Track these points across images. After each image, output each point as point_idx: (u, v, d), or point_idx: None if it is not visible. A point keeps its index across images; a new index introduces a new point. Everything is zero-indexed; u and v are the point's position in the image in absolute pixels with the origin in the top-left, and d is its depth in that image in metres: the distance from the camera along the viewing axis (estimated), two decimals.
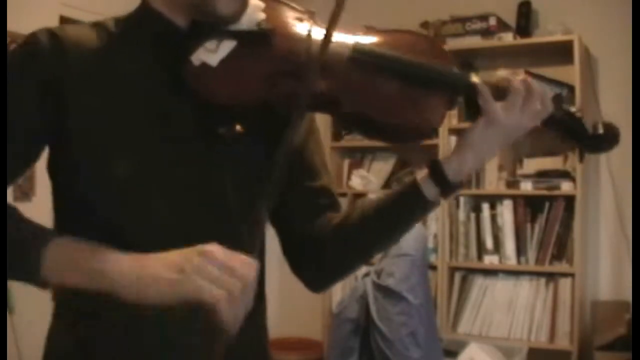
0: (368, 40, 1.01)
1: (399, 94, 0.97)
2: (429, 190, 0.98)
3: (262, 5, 1.00)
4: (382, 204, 1.04)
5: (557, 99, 1.01)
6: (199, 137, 0.96)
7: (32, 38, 0.93)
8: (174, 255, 0.83)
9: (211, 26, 0.96)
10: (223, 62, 0.94)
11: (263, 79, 0.95)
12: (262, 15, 0.99)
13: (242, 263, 0.81)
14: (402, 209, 1.02)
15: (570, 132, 1.02)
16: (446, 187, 0.98)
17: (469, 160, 0.97)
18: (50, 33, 0.93)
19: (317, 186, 1.09)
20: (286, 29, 0.99)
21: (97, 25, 0.99)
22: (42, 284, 0.87)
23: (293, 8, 1.04)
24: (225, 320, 0.79)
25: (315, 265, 1.08)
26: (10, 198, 0.92)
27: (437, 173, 0.97)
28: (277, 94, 0.95)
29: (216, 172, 0.98)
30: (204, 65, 0.94)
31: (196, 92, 0.93)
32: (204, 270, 0.79)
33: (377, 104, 0.97)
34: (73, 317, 0.96)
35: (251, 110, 0.97)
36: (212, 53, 0.94)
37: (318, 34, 0.97)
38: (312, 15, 1.02)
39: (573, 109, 1.02)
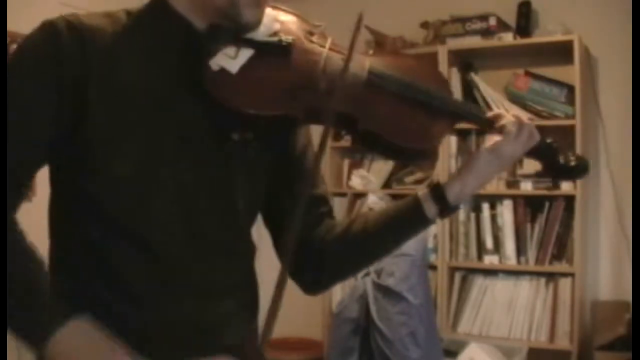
0: (380, 62, 1.06)
1: (411, 119, 1.04)
2: (430, 209, 1.05)
3: (276, 14, 1.02)
4: (383, 218, 1.09)
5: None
6: (212, 139, 0.97)
7: (51, 26, 0.91)
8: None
9: (229, 31, 0.97)
10: (243, 70, 0.95)
11: (283, 92, 0.97)
12: (277, 26, 1.01)
13: None
14: (403, 223, 1.08)
15: (548, 162, 1.12)
16: (445, 208, 1.05)
17: (470, 184, 1.05)
18: (68, 22, 0.91)
19: (316, 195, 1.12)
20: (303, 43, 1.02)
21: (110, 17, 0.97)
22: (37, 351, 0.85)
23: (304, 20, 1.07)
24: None
25: (313, 271, 1.11)
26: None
27: (439, 197, 1.05)
28: (295, 108, 0.97)
29: (226, 175, 0.99)
30: (223, 71, 0.94)
31: (214, 97, 0.93)
32: None
33: (393, 126, 1.02)
34: None
35: (267, 119, 0.98)
36: (231, 59, 0.95)
37: (334, 51, 1.02)
38: (322, 30, 1.06)
39: (549, 140, 1.12)
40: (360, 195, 3.43)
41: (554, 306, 2.98)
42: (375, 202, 3.30)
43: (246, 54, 0.97)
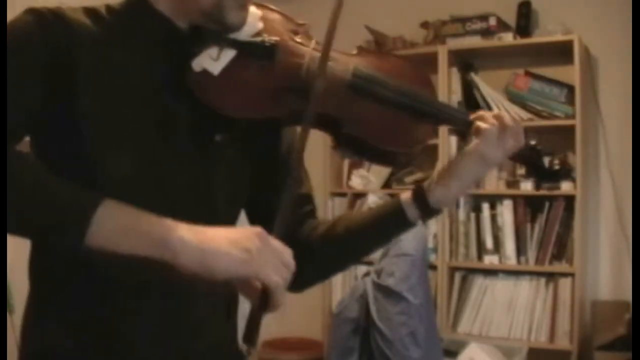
0: (365, 63, 1.04)
1: (395, 122, 1.02)
2: (412, 213, 1.04)
3: (260, 13, 1.01)
4: (366, 219, 1.09)
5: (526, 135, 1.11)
6: (195, 140, 0.96)
7: (36, 10, 0.89)
8: (235, 234, 0.82)
9: (212, 32, 0.96)
10: (225, 71, 0.94)
11: (266, 93, 0.96)
12: (260, 25, 1.00)
13: (287, 251, 0.84)
14: (385, 226, 1.08)
15: (532, 165, 1.13)
16: (426, 212, 1.04)
17: (452, 189, 1.04)
18: (53, 10, 0.90)
19: (301, 194, 1.13)
20: (287, 44, 1.00)
21: (92, 13, 0.95)
22: (81, 249, 0.77)
23: (288, 18, 1.05)
24: (275, 304, 0.82)
25: (297, 269, 1.09)
26: None
27: (420, 201, 1.04)
28: (278, 110, 0.96)
29: (208, 176, 0.99)
30: (205, 73, 0.94)
31: (197, 98, 0.92)
32: (266, 255, 0.81)
33: (375, 129, 1.01)
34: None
35: (248, 121, 0.98)
36: (213, 61, 0.94)
37: (318, 50, 0.99)
38: (307, 29, 1.04)
39: (533, 142, 1.11)
40: (360, 195, 3.43)
41: (554, 306, 2.98)
42: (375, 202, 3.30)
43: (229, 55, 0.96)
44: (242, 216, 1.11)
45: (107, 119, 0.90)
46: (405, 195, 1.05)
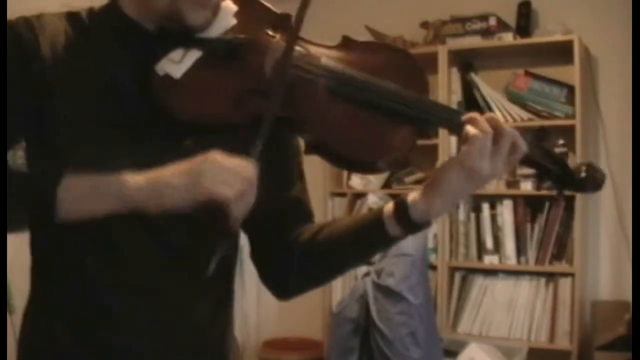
0: (342, 59, 0.95)
1: (368, 127, 0.92)
2: (393, 228, 0.96)
3: (234, 9, 0.97)
4: (347, 231, 1.02)
5: (540, 134, 0.96)
6: (165, 145, 0.94)
7: (11, 27, 0.92)
8: (183, 164, 0.85)
9: (176, 33, 0.93)
10: (187, 75, 0.91)
11: (229, 98, 0.91)
12: (233, 21, 0.95)
13: (244, 164, 0.84)
14: (365, 241, 1.01)
15: (546, 173, 0.96)
16: (410, 228, 0.95)
17: (437, 204, 0.92)
18: (26, 21, 0.93)
19: (290, 197, 1.08)
20: (256, 40, 0.94)
21: (72, 16, 0.97)
22: (54, 218, 0.85)
23: (268, 11, 0.99)
24: (234, 217, 0.83)
25: (282, 278, 1.07)
26: None
27: (402, 216, 0.94)
28: (241, 113, 0.90)
29: None
30: (167, 77, 0.90)
31: (159, 103, 0.90)
32: (214, 172, 0.83)
33: (343, 134, 0.92)
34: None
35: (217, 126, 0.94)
36: (176, 64, 0.91)
37: (291, 47, 0.91)
38: (287, 20, 0.97)
39: (559, 144, 0.97)
40: (360, 195, 3.43)
41: (554, 306, 2.98)
42: (375, 202, 3.30)
43: (193, 56, 0.92)
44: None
45: (78, 124, 0.92)
46: (388, 209, 0.96)
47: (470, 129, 0.87)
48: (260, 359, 3.60)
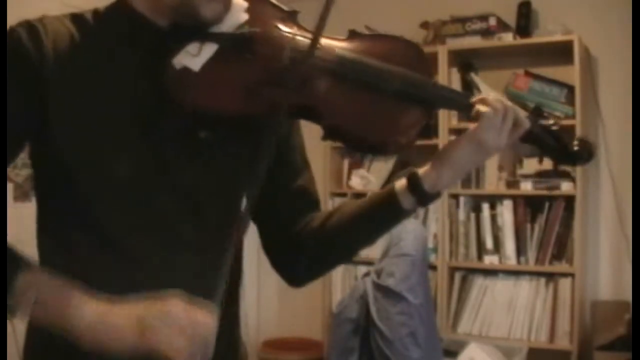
0: (353, 49, 1.00)
1: (382, 109, 0.98)
2: (406, 200, 1.00)
3: (245, 5, 0.98)
4: (360, 210, 1.06)
5: (536, 112, 1.06)
6: (179, 138, 0.95)
7: (13, 33, 0.91)
8: (138, 309, 0.83)
9: (193, 27, 0.94)
10: (205, 67, 0.92)
11: (246, 88, 0.93)
12: (245, 17, 0.97)
13: (202, 318, 0.83)
14: (379, 216, 1.04)
15: (545, 147, 1.05)
16: (423, 198, 1.00)
17: (446, 174, 0.99)
18: (30, 26, 0.92)
19: (297, 186, 1.10)
20: (270, 34, 0.97)
21: (77, 18, 0.97)
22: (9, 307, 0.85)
23: (277, 7, 1.02)
24: None
25: (295, 264, 1.10)
26: (10, 198, 0.91)
27: (415, 186, 0.99)
28: (259, 105, 0.93)
29: (194, 174, 0.98)
30: (186, 70, 0.91)
31: (176, 96, 0.91)
32: (166, 326, 0.81)
33: (359, 119, 0.97)
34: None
35: (233, 118, 0.96)
36: (194, 57, 0.92)
37: (302, 39, 0.96)
38: (295, 16, 1.01)
39: (551, 123, 1.06)
40: (360, 195, 3.42)
41: (554, 306, 2.98)
42: None
43: (210, 49, 0.93)
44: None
45: (89, 124, 0.91)
46: (400, 183, 1.01)
47: (481, 107, 0.97)
48: (260, 359, 3.60)
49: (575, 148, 1.05)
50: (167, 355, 0.80)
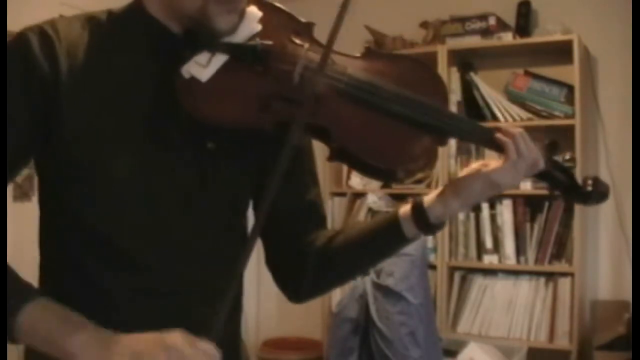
0: (367, 69, 0.97)
1: (392, 136, 0.95)
2: (410, 230, 1.00)
3: (259, 15, 0.97)
4: (364, 235, 1.06)
5: (551, 147, 1.04)
6: (187, 148, 0.95)
7: (23, 38, 0.91)
8: (140, 345, 0.81)
9: (203, 37, 0.94)
10: (213, 78, 0.91)
11: (253, 101, 0.92)
12: (258, 27, 0.96)
13: (205, 355, 0.80)
14: (382, 243, 1.05)
15: (558, 185, 1.03)
16: (427, 229, 1.00)
17: (454, 207, 0.99)
18: (41, 31, 0.91)
19: (306, 202, 1.10)
20: (282, 47, 0.95)
21: (90, 20, 0.96)
22: (10, 334, 0.84)
23: (292, 18, 1.00)
24: None
25: (297, 280, 1.09)
26: (10, 198, 0.91)
27: (419, 218, 0.98)
28: (266, 119, 0.92)
29: (202, 184, 0.97)
30: (193, 80, 0.91)
31: (183, 106, 0.91)
32: None
33: (368, 143, 0.95)
34: None
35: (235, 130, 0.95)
36: (202, 67, 0.92)
37: (314, 55, 0.94)
38: (311, 29, 0.99)
39: (566, 159, 1.05)
40: (359, 195, 3.43)
41: (554, 306, 2.98)
42: (375, 201, 3.30)
43: (219, 60, 0.92)
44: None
45: (97, 125, 0.91)
46: (404, 210, 1.00)
47: (506, 146, 0.95)
48: (259, 358, 3.60)
49: (589, 189, 1.03)
50: None
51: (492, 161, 0.98)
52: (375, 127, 0.95)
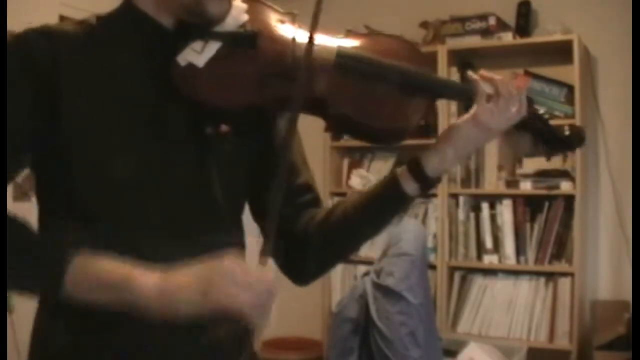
0: (351, 44, 1.04)
1: (384, 99, 1.01)
2: (409, 186, 1.02)
3: (245, 6, 1.02)
4: (363, 200, 1.07)
5: (529, 101, 1.10)
6: (188, 136, 0.98)
7: (21, 38, 0.92)
8: (198, 269, 0.84)
9: (197, 26, 0.97)
10: (210, 63, 0.95)
11: (251, 81, 0.97)
12: (245, 17, 1.01)
13: (262, 274, 0.84)
14: (383, 204, 1.06)
15: (539, 134, 1.10)
16: (425, 182, 1.02)
17: (449, 157, 1.02)
18: (39, 32, 0.93)
19: (299, 183, 1.12)
20: (271, 31, 1.01)
21: (81, 24, 0.99)
22: (59, 296, 0.85)
23: (275, 10, 1.06)
24: (256, 323, 0.84)
25: (299, 261, 1.10)
26: (10, 198, 0.91)
27: (416, 170, 1.01)
28: (265, 97, 0.97)
29: (204, 171, 0.99)
30: (191, 66, 0.95)
31: (183, 92, 0.94)
32: (228, 286, 0.82)
33: (364, 107, 1.00)
34: (66, 316, 0.94)
35: (238, 111, 0.99)
36: (198, 54, 0.96)
37: (302, 36, 0.99)
38: (293, 17, 1.04)
39: (541, 112, 1.10)
40: None
41: (554, 306, 2.98)
42: None
43: (213, 47, 0.97)
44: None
45: (98, 123, 0.93)
46: (402, 169, 1.03)
47: (485, 88, 1.01)
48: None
49: (567, 133, 1.10)
50: (234, 309, 0.81)
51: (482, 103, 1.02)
52: (368, 93, 1.00)
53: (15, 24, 0.97)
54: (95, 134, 0.92)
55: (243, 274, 0.83)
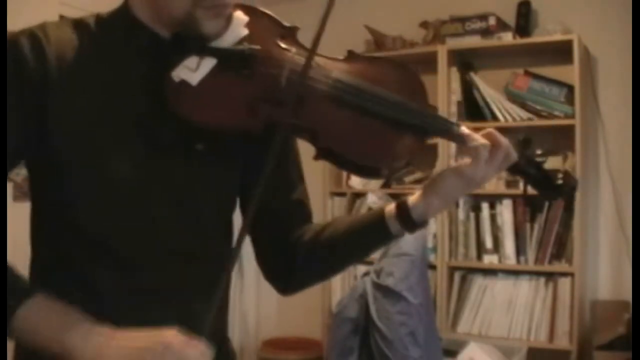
0: (349, 72, 1.00)
1: (376, 135, 0.98)
2: (394, 227, 1.03)
3: (245, 19, 0.99)
4: (351, 229, 1.08)
5: (524, 143, 1.05)
6: (177, 149, 0.96)
7: (12, 41, 0.91)
8: (138, 341, 0.83)
9: (193, 39, 0.95)
10: (203, 81, 0.93)
11: (243, 104, 0.94)
12: (244, 31, 0.98)
13: (198, 353, 0.82)
14: (368, 238, 1.08)
15: (530, 179, 1.06)
16: (411, 226, 1.03)
17: (435, 204, 1.02)
18: (31, 34, 0.92)
19: (293, 199, 1.12)
20: (269, 52, 0.98)
21: (79, 24, 0.97)
22: (10, 331, 0.85)
23: (277, 23, 1.03)
24: None
25: (286, 274, 1.12)
26: (9, 198, 0.91)
27: (403, 216, 1.02)
28: (255, 121, 0.94)
29: (191, 185, 0.98)
30: (184, 83, 0.93)
31: (170, 109, 0.92)
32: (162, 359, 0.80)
33: (353, 144, 0.98)
34: None
35: (227, 131, 0.96)
36: (192, 71, 0.93)
37: (300, 58, 0.97)
38: (295, 33, 1.02)
39: (538, 153, 1.05)
40: (359, 195, 3.43)
41: (554, 306, 2.98)
42: (375, 201, 3.30)
43: (208, 64, 0.94)
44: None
45: (87, 131, 0.92)
46: (389, 209, 1.04)
47: (475, 143, 0.97)
48: (259, 358, 3.60)
49: (559, 182, 1.06)
50: None
51: (467, 158, 1.00)
52: (359, 127, 0.98)
53: (15, 24, 0.97)
54: (83, 143, 0.91)
55: (180, 353, 0.81)
